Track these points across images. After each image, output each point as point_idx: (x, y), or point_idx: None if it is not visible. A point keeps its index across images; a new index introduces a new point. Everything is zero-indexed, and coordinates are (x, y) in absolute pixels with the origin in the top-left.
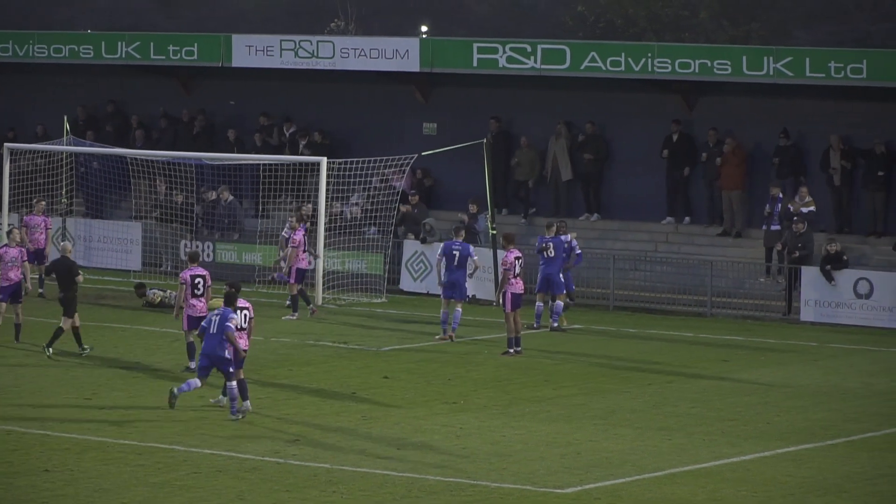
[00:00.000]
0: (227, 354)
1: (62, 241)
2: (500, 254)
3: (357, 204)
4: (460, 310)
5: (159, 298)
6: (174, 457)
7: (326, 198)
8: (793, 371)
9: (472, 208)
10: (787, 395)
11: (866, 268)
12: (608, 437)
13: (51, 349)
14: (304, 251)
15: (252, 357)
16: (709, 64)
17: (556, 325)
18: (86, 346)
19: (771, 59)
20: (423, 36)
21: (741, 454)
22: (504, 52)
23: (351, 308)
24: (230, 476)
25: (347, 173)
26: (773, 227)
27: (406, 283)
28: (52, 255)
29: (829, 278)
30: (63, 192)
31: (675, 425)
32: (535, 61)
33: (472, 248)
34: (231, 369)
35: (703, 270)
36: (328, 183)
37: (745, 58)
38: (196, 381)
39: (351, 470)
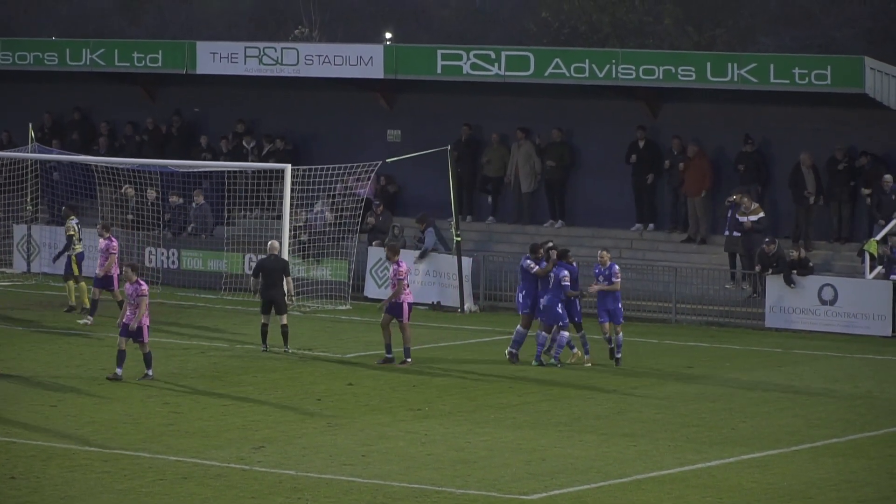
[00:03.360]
0: (560, 310)
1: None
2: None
3: (322, 211)
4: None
5: (73, 233)
6: (140, 464)
7: (291, 205)
8: (757, 377)
9: (420, 226)
10: (751, 402)
11: (831, 274)
12: (573, 444)
13: (288, 348)
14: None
15: (217, 363)
16: (673, 70)
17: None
18: (289, 349)
19: (735, 65)
20: (388, 43)
21: (706, 460)
22: (468, 58)
23: (315, 315)
24: (195, 483)
25: (312, 180)
26: (736, 234)
27: (371, 290)
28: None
29: (790, 282)
30: (28, 200)
31: (639, 431)
32: (500, 68)
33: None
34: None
35: (667, 277)
36: (293, 190)
37: (709, 64)
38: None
39: (316, 477)
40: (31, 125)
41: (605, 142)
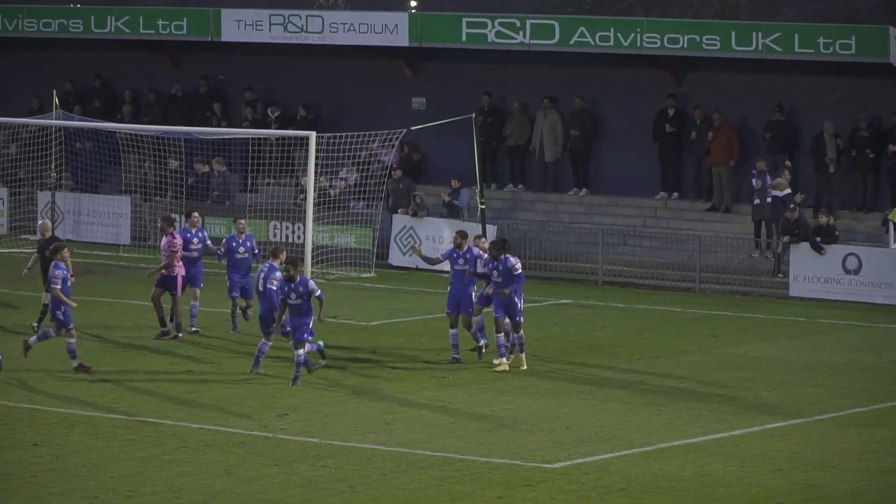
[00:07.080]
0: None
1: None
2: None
3: (345, 178)
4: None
5: None
6: (163, 431)
7: (315, 172)
8: (781, 346)
9: (455, 184)
10: (775, 371)
11: (855, 243)
12: (597, 412)
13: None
14: None
15: (241, 331)
16: (697, 39)
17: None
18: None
19: (760, 34)
20: (412, 10)
21: (729, 429)
22: (493, 26)
23: (340, 282)
24: (218, 450)
25: (336, 148)
26: (768, 200)
27: (395, 257)
28: None
29: (819, 249)
30: (52, 167)
31: (663, 400)
32: (524, 36)
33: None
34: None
35: (691, 245)
36: (317, 157)
37: (733, 33)
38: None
39: (339, 444)
40: (55, 92)
41: (629, 111)
